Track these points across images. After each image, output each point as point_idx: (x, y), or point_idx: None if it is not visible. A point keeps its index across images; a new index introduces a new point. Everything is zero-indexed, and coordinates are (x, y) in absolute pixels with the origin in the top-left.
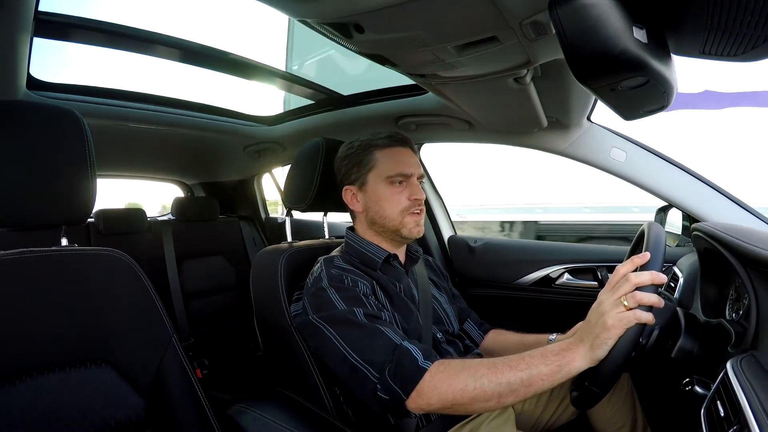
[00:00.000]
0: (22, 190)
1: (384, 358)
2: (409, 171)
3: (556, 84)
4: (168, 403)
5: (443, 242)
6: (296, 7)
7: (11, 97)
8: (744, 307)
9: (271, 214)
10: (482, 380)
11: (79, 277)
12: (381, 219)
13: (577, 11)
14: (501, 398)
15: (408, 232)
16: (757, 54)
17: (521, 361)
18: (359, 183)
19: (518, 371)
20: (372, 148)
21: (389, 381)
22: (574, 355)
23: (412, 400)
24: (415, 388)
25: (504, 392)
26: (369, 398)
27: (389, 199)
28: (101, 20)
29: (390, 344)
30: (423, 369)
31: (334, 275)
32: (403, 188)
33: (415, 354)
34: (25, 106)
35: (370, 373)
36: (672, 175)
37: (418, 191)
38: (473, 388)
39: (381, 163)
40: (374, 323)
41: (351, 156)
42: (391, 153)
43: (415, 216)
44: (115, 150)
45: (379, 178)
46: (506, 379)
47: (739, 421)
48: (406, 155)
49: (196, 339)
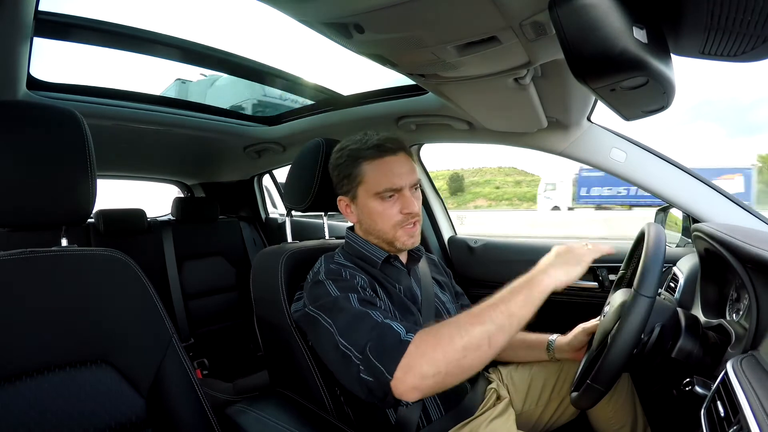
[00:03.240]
0: (22, 191)
1: (367, 336)
2: (399, 184)
3: (556, 84)
4: (168, 403)
5: (443, 242)
6: (296, 7)
7: (11, 97)
8: (744, 308)
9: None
10: (466, 327)
11: (79, 277)
12: (375, 232)
13: (577, 11)
14: (492, 340)
15: (401, 245)
16: (757, 54)
17: (495, 300)
18: (350, 196)
19: (495, 307)
20: (360, 160)
21: (371, 359)
22: (541, 277)
23: (399, 380)
24: (401, 363)
25: (492, 332)
26: (354, 384)
27: (380, 214)
28: (101, 20)
29: (373, 323)
30: (406, 342)
31: (333, 269)
32: (394, 201)
33: (397, 329)
34: (25, 106)
35: (353, 355)
36: (672, 175)
37: (409, 204)
38: (460, 337)
39: (369, 177)
40: (365, 308)
41: (340, 167)
42: (380, 165)
43: (408, 229)
44: (115, 150)
45: (368, 193)
46: (488, 317)
47: (739, 421)
48: (397, 165)
49: (196, 339)
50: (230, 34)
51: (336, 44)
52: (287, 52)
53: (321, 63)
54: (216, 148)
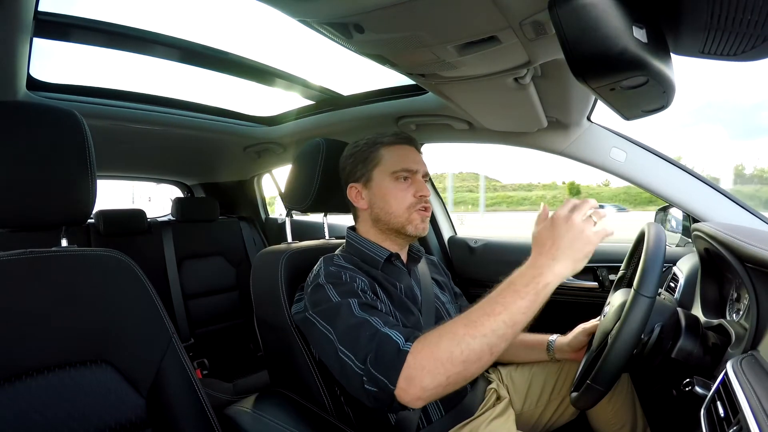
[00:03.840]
0: (22, 191)
1: (367, 347)
2: (414, 167)
3: (556, 84)
4: (168, 403)
5: (443, 242)
6: (296, 7)
7: (11, 97)
8: (744, 308)
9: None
10: (465, 339)
11: (79, 278)
12: (386, 216)
13: (576, 11)
14: (492, 349)
15: (414, 229)
16: (757, 54)
17: (495, 305)
18: (364, 180)
19: (497, 316)
20: (378, 144)
21: (372, 371)
22: (547, 276)
23: (401, 389)
24: (401, 375)
25: (493, 342)
26: (359, 393)
27: (395, 195)
28: (101, 20)
29: (372, 332)
30: (404, 352)
31: (332, 272)
32: (408, 184)
33: (395, 339)
34: (25, 106)
35: (355, 366)
36: (672, 175)
37: (423, 188)
38: (459, 351)
39: (386, 159)
40: (365, 313)
41: (356, 153)
42: (397, 150)
43: (421, 212)
44: (115, 150)
45: (385, 173)
46: (489, 328)
47: (738, 422)
48: (412, 152)
49: (196, 339)
50: (230, 34)
51: (336, 44)
52: (287, 52)
53: (321, 63)
54: (216, 148)
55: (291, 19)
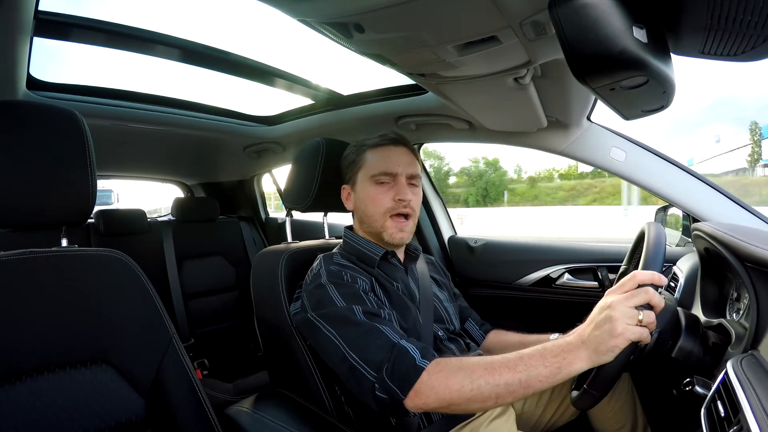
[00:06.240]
0: (22, 191)
1: (382, 357)
2: (395, 170)
3: (556, 84)
4: (168, 403)
5: (443, 242)
6: (296, 7)
7: (11, 97)
8: (744, 307)
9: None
10: (479, 381)
11: (79, 277)
12: (367, 219)
13: (576, 11)
14: (498, 399)
15: (389, 237)
16: (757, 54)
17: (520, 362)
18: (351, 182)
19: (516, 372)
20: (363, 147)
21: (387, 381)
22: (574, 357)
23: (410, 399)
24: (413, 387)
25: (502, 393)
26: (367, 398)
27: (373, 198)
28: (101, 20)
29: (388, 343)
30: (420, 368)
31: (333, 271)
32: (388, 188)
33: (412, 353)
34: (25, 106)
35: (368, 373)
36: (672, 175)
37: (402, 191)
38: (470, 389)
39: (369, 162)
40: (373, 321)
41: (347, 156)
42: (381, 152)
43: (397, 220)
44: (115, 150)
45: (366, 177)
46: (504, 381)
47: (739, 421)
48: (398, 154)
49: (196, 339)
50: (230, 34)
51: (336, 44)
52: (288, 52)
53: (321, 63)
54: (216, 148)
55: (291, 19)
